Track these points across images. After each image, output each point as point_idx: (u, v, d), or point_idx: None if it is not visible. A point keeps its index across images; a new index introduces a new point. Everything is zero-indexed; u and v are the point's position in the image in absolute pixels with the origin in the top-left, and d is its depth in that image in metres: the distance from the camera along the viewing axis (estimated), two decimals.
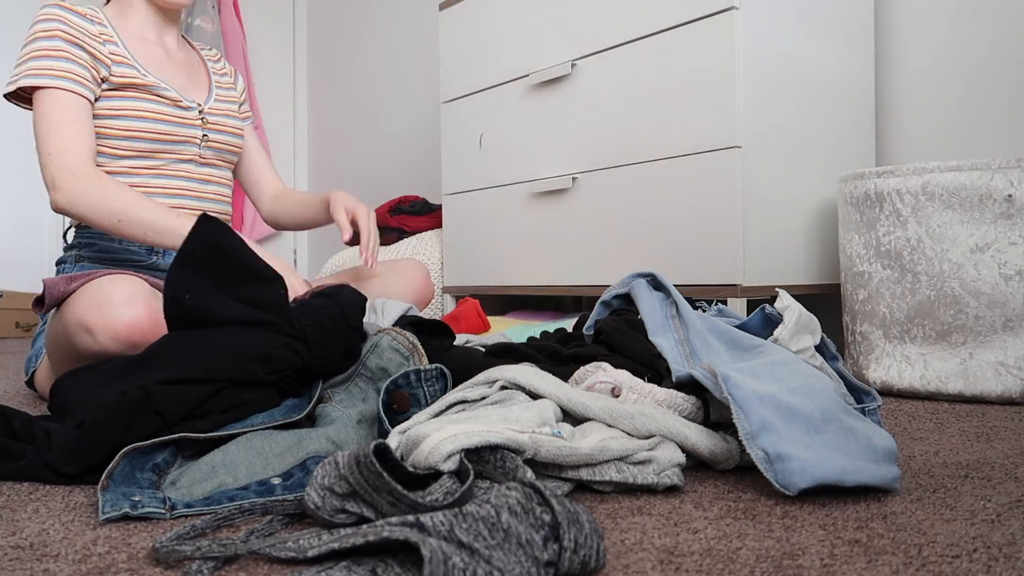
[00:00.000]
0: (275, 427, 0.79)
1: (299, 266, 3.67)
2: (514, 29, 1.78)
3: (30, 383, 1.33)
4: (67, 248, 1.38)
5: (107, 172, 1.31)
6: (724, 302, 1.45)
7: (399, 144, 3.01)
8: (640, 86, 1.50)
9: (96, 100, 1.28)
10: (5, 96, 1.28)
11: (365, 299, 0.93)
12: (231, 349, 0.81)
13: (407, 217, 2.33)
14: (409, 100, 2.96)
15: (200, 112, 1.39)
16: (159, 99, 1.32)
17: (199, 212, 1.40)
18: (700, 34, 1.39)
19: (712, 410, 0.82)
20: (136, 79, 1.30)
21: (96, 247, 1.34)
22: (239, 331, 0.83)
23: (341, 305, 0.89)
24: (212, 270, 0.84)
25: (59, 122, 1.22)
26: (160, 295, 1.14)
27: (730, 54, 1.35)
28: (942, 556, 0.51)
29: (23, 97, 1.29)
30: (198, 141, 1.38)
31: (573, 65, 1.63)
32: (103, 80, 1.28)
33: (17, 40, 3.27)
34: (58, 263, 1.38)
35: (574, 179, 1.63)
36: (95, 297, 1.05)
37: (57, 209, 1.22)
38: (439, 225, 2.27)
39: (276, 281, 0.88)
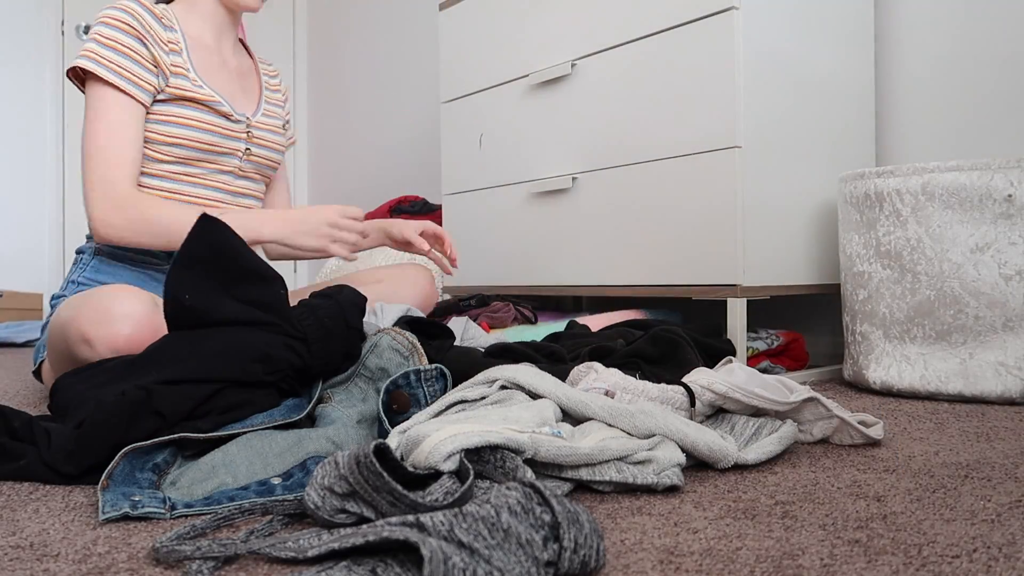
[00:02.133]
0: (275, 427, 0.79)
1: (299, 266, 3.67)
2: (514, 29, 1.78)
3: (36, 374, 1.32)
4: (89, 237, 1.38)
5: (144, 173, 1.31)
6: (724, 303, 1.45)
7: (399, 144, 3.01)
8: (640, 86, 1.50)
9: (150, 105, 1.27)
10: (68, 72, 1.26)
11: (365, 299, 0.94)
12: (231, 349, 0.81)
13: (407, 217, 2.33)
14: (409, 100, 2.96)
15: (247, 126, 1.38)
16: (210, 110, 1.31)
17: None
18: (700, 34, 1.39)
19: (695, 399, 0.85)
20: (190, 93, 1.28)
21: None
22: (239, 331, 0.83)
23: (341, 305, 0.90)
24: (212, 270, 0.84)
25: (111, 132, 1.22)
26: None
27: (730, 54, 1.35)
28: (942, 556, 0.51)
29: (77, 76, 1.28)
30: (240, 154, 1.37)
31: (573, 65, 1.63)
32: (159, 91, 1.27)
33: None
34: (78, 251, 1.37)
35: (574, 179, 1.63)
36: (96, 309, 1.04)
37: (99, 239, 1.23)
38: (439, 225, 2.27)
39: (276, 281, 0.88)
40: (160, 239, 1.21)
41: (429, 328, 1.07)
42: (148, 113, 1.27)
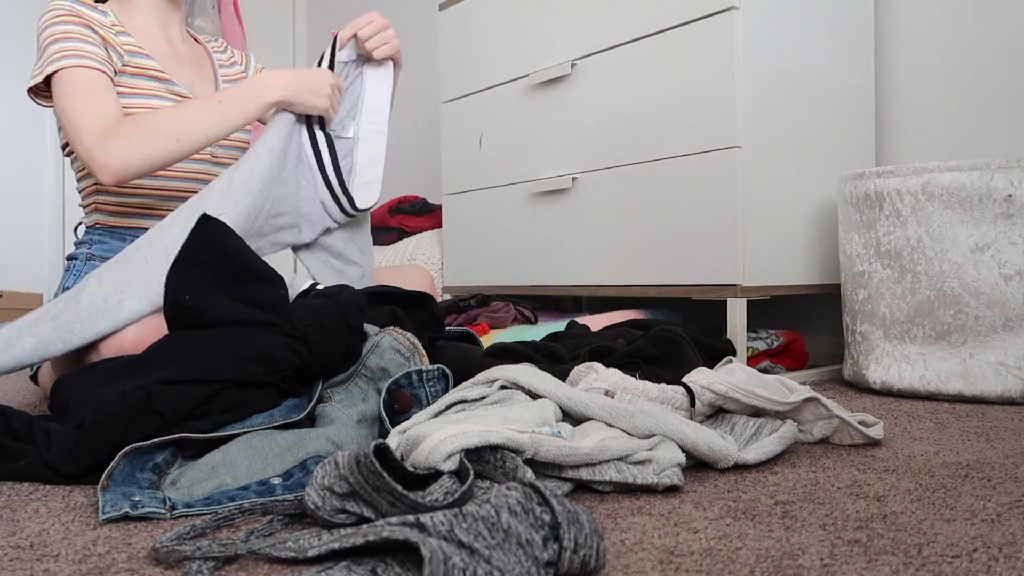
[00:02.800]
0: (275, 427, 0.79)
1: (299, 266, 3.67)
2: (514, 29, 1.78)
3: (34, 378, 1.32)
4: (77, 244, 1.36)
5: None
6: (724, 302, 1.45)
7: (399, 144, 3.01)
8: (640, 86, 1.50)
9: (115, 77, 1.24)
10: (28, 91, 1.23)
11: (365, 299, 0.94)
12: (231, 350, 0.81)
13: (407, 217, 2.33)
14: (409, 100, 2.96)
15: None
16: (172, 96, 1.30)
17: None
18: (700, 34, 1.39)
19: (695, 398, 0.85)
20: (152, 71, 1.27)
21: (106, 245, 1.32)
22: (239, 331, 0.83)
23: (341, 305, 0.90)
24: (212, 271, 0.84)
25: (82, 96, 1.17)
26: None
27: (730, 54, 1.35)
28: (942, 556, 0.51)
29: (40, 92, 1.25)
30: None
31: (573, 65, 1.63)
32: (116, 72, 1.24)
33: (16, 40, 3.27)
34: (69, 258, 1.35)
35: (574, 179, 1.63)
36: None
37: (111, 176, 1.12)
38: (439, 225, 2.27)
39: (276, 281, 0.88)
40: (170, 142, 1.13)
41: (405, 299, 1.06)
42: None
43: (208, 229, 0.85)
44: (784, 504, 0.64)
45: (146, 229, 1.33)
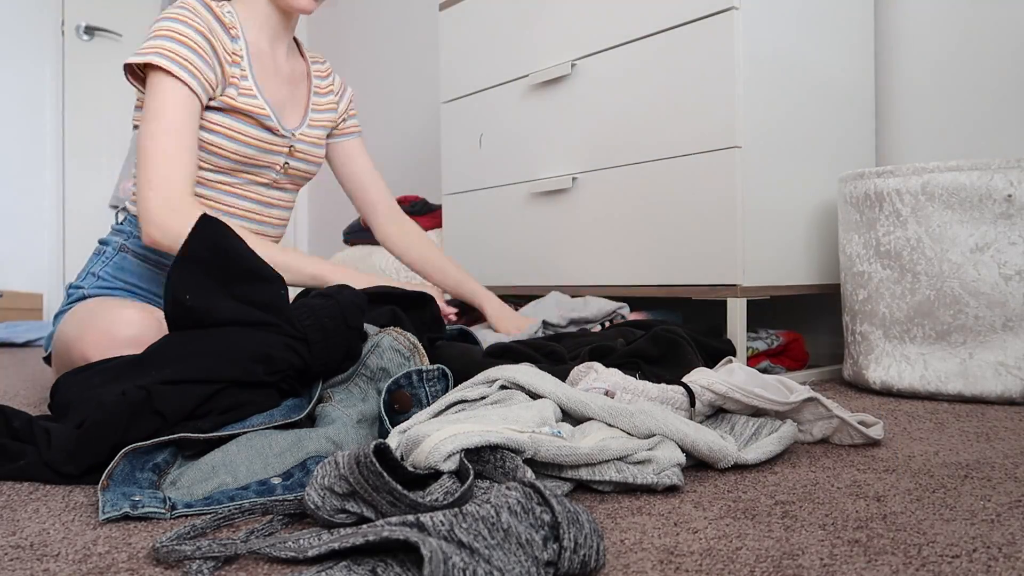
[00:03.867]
0: (275, 427, 0.79)
1: None
2: (514, 29, 1.78)
3: (47, 360, 1.32)
4: (115, 231, 1.34)
5: None
6: (724, 302, 1.45)
7: (399, 144, 3.01)
8: (640, 86, 1.50)
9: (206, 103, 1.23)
10: (125, 67, 1.20)
11: (365, 299, 0.94)
12: (231, 350, 0.81)
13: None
14: (409, 100, 2.96)
15: (291, 139, 1.34)
16: (256, 124, 1.28)
17: (257, 233, 1.37)
18: (700, 34, 1.39)
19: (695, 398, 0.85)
20: (240, 105, 1.25)
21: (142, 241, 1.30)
22: (239, 331, 0.83)
23: (341, 305, 0.90)
24: (212, 271, 0.84)
25: (171, 135, 1.16)
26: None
27: (730, 54, 1.35)
28: (942, 556, 0.51)
29: (135, 74, 1.23)
30: (278, 167, 1.34)
31: (573, 65, 1.63)
32: (213, 96, 1.23)
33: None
34: (101, 242, 1.33)
35: (574, 179, 1.63)
36: (103, 335, 1.03)
37: (149, 240, 1.16)
38: (439, 225, 2.27)
39: (276, 281, 0.88)
40: None
41: (405, 299, 1.06)
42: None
43: (208, 228, 0.85)
44: (784, 504, 0.64)
45: None
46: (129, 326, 1.04)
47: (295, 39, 1.44)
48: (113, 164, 3.38)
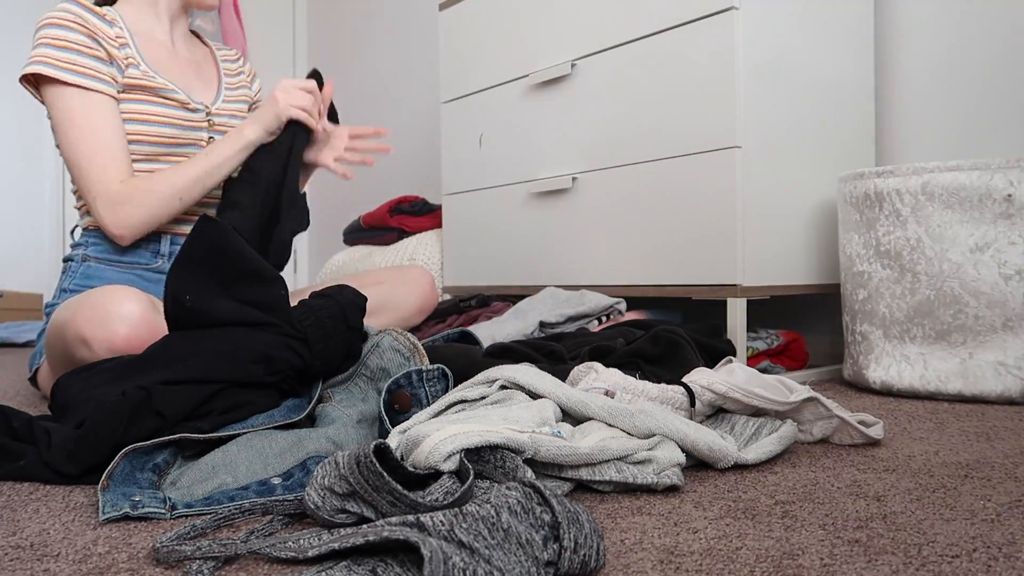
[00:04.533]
0: (275, 427, 0.79)
1: (299, 266, 3.67)
2: (514, 29, 1.78)
3: (33, 380, 1.33)
4: (74, 246, 1.37)
5: None
6: (724, 302, 1.45)
7: (399, 144, 3.01)
8: (640, 86, 1.50)
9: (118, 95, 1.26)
10: (20, 79, 1.25)
11: (365, 299, 0.94)
12: (231, 350, 0.81)
13: (407, 217, 2.33)
14: (409, 100, 2.96)
15: (207, 114, 1.36)
16: (166, 101, 1.30)
17: (207, 207, 1.39)
18: (700, 34, 1.39)
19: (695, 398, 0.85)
20: (144, 81, 1.28)
21: (102, 247, 1.33)
22: (239, 332, 0.83)
23: (341, 305, 0.90)
24: (212, 271, 0.84)
25: (92, 131, 1.21)
26: (160, 307, 1.14)
27: (730, 54, 1.35)
28: (942, 556, 0.51)
29: (30, 82, 1.26)
30: (204, 144, 1.36)
31: (573, 65, 1.63)
32: (117, 83, 1.26)
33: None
34: (65, 260, 1.36)
35: (574, 179, 1.63)
36: (94, 310, 1.04)
37: (124, 242, 1.26)
38: (439, 225, 2.26)
39: (276, 282, 0.88)
40: (174, 202, 1.24)
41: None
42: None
43: (208, 228, 0.85)
44: (784, 504, 0.64)
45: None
46: (122, 302, 1.05)
47: (193, 32, 1.47)
48: None
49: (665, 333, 1.09)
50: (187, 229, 1.39)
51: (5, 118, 3.24)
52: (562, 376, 0.93)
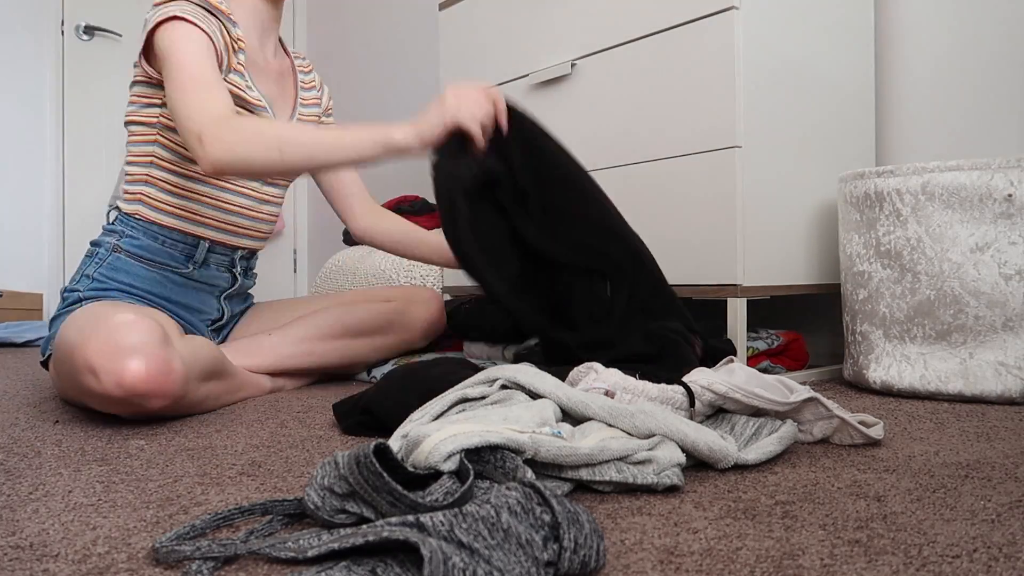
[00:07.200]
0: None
1: (299, 266, 3.67)
2: (514, 29, 1.78)
3: (45, 364, 1.31)
4: (107, 231, 1.32)
5: (176, 172, 1.28)
6: (724, 302, 1.45)
7: None
8: (640, 86, 1.50)
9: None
10: (150, 30, 1.17)
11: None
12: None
13: (407, 217, 2.33)
14: (409, 100, 2.96)
15: None
16: (251, 116, 1.28)
17: (249, 230, 1.39)
18: (700, 34, 1.39)
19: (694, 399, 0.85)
20: (243, 93, 1.26)
21: (138, 241, 1.29)
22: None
23: None
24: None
25: (202, 68, 1.14)
26: (172, 335, 1.11)
27: (730, 54, 1.35)
28: (942, 556, 0.51)
29: (146, 57, 1.23)
30: None
31: (573, 65, 1.63)
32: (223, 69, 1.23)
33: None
34: (93, 244, 1.31)
35: None
36: (105, 341, 1.01)
37: (211, 165, 1.09)
38: (439, 225, 2.26)
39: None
40: (272, 151, 1.09)
41: None
42: None
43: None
44: (784, 504, 0.64)
45: (185, 234, 1.33)
46: (133, 334, 1.03)
47: (280, 40, 1.46)
48: (113, 164, 3.38)
49: (664, 332, 1.09)
50: (228, 239, 1.37)
51: (5, 118, 3.24)
52: (562, 376, 0.93)
